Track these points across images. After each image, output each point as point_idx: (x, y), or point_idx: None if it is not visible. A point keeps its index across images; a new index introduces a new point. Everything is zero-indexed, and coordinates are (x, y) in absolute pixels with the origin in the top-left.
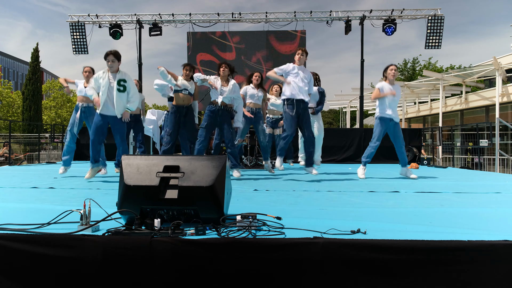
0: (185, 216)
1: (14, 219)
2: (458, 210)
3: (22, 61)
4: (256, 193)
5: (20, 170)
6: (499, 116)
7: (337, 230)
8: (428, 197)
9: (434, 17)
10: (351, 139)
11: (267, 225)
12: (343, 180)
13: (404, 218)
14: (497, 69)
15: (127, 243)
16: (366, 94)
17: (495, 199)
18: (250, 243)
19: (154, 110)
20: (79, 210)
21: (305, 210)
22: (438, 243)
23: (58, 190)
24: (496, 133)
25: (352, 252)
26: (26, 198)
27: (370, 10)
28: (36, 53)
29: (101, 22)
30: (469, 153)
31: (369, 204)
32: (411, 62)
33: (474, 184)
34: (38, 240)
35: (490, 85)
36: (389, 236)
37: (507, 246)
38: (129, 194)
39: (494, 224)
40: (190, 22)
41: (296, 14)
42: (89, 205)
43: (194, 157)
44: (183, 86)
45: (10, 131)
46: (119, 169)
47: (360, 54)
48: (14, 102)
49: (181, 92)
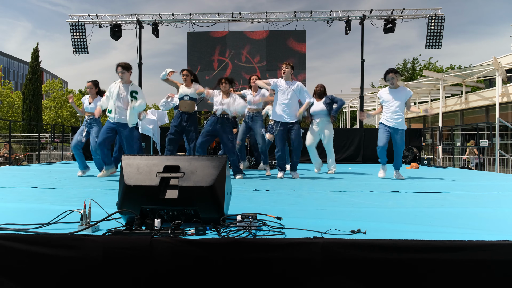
0: (185, 216)
1: (14, 219)
2: (458, 210)
3: (22, 61)
4: (256, 193)
5: (20, 170)
6: (499, 116)
7: (337, 230)
8: (428, 197)
9: (435, 17)
10: (351, 139)
11: (267, 225)
12: (343, 180)
13: (404, 218)
14: (497, 69)
15: (127, 243)
16: (366, 94)
17: (495, 199)
18: (250, 243)
19: (154, 110)
20: (79, 210)
21: (305, 210)
22: (438, 243)
23: (58, 190)
24: (496, 133)
25: (352, 252)
26: (26, 198)
27: (371, 10)
28: (36, 53)
29: (101, 22)
30: (466, 152)
31: (369, 204)
32: (411, 62)
33: (474, 184)
34: (38, 240)
35: (490, 85)
36: (389, 236)
37: (507, 246)
38: (129, 194)
39: (494, 224)
40: (190, 22)
41: (296, 14)
42: (89, 205)
43: (194, 157)
44: (183, 93)
45: (10, 131)
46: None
47: (360, 54)
48: (14, 102)
49: (182, 99)
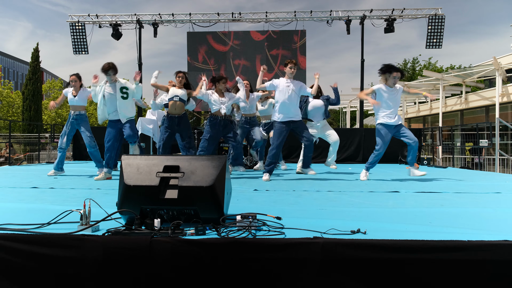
0: (185, 216)
1: (14, 219)
2: (458, 210)
3: (22, 61)
4: (256, 193)
5: (20, 170)
6: (499, 116)
7: (337, 230)
8: (428, 197)
9: (435, 17)
10: (351, 139)
11: (267, 225)
12: (343, 180)
13: (404, 218)
14: (497, 69)
15: (127, 243)
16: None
17: (495, 199)
18: (250, 243)
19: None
20: (79, 210)
21: (305, 210)
22: (438, 243)
23: (58, 190)
24: (496, 133)
25: (352, 252)
26: (26, 198)
27: (371, 9)
28: (36, 53)
29: (101, 22)
30: (468, 153)
31: (369, 204)
32: (411, 62)
33: (474, 184)
34: (38, 240)
35: (490, 85)
36: (389, 236)
37: (507, 246)
38: (129, 194)
39: (494, 224)
40: (190, 22)
41: (296, 14)
42: (89, 205)
43: (194, 157)
44: (173, 94)
45: (10, 131)
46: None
47: (361, 54)
48: (14, 102)
49: (171, 99)
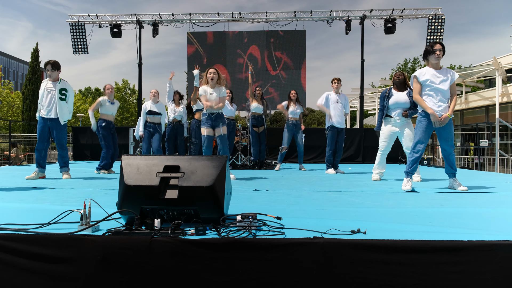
0: (185, 216)
1: (14, 219)
2: (458, 210)
3: (22, 61)
4: (256, 193)
5: (20, 170)
6: (499, 116)
7: (337, 230)
8: (428, 197)
9: (435, 17)
10: (351, 139)
11: (267, 225)
12: (343, 180)
13: (404, 218)
14: (497, 69)
15: (127, 243)
16: (366, 94)
17: (495, 199)
18: (250, 243)
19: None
20: (79, 210)
21: (305, 210)
22: (438, 243)
23: (58, 190)
24: (496, 133)
25: (352, 252)
26: (26, 198)
27: (371, 9)
28: (36, 53)
29: (101, 22)
30: (471, 153)
31: (369, 204)
32: (411, 62)
33: (474, 184)
34: (38, 240)
35: (490, 85)
36: (389, 236)
37: (507, 246)
38: (129, 194)
39: (494, 224)
40: (190, 22)
41: (296, 14)
42: (89, 205)
43: (194, 157)
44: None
45: (10, 131)
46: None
47: (361, 54)
48: (14, 102)
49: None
